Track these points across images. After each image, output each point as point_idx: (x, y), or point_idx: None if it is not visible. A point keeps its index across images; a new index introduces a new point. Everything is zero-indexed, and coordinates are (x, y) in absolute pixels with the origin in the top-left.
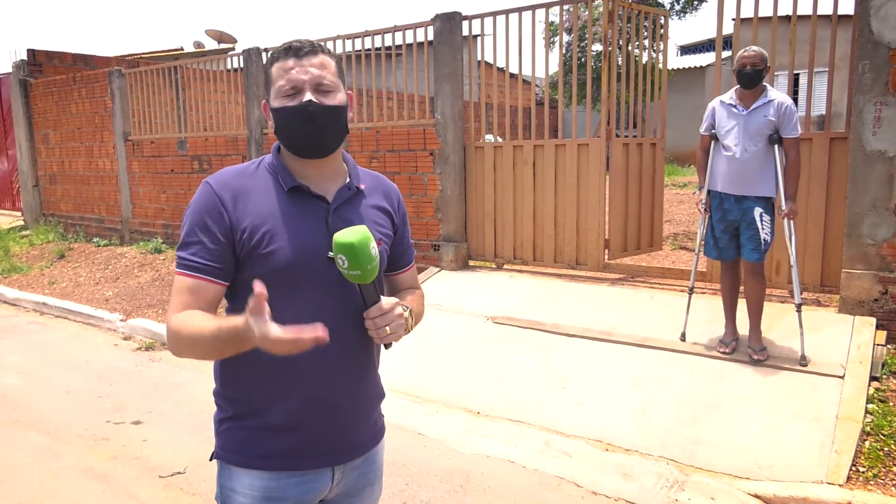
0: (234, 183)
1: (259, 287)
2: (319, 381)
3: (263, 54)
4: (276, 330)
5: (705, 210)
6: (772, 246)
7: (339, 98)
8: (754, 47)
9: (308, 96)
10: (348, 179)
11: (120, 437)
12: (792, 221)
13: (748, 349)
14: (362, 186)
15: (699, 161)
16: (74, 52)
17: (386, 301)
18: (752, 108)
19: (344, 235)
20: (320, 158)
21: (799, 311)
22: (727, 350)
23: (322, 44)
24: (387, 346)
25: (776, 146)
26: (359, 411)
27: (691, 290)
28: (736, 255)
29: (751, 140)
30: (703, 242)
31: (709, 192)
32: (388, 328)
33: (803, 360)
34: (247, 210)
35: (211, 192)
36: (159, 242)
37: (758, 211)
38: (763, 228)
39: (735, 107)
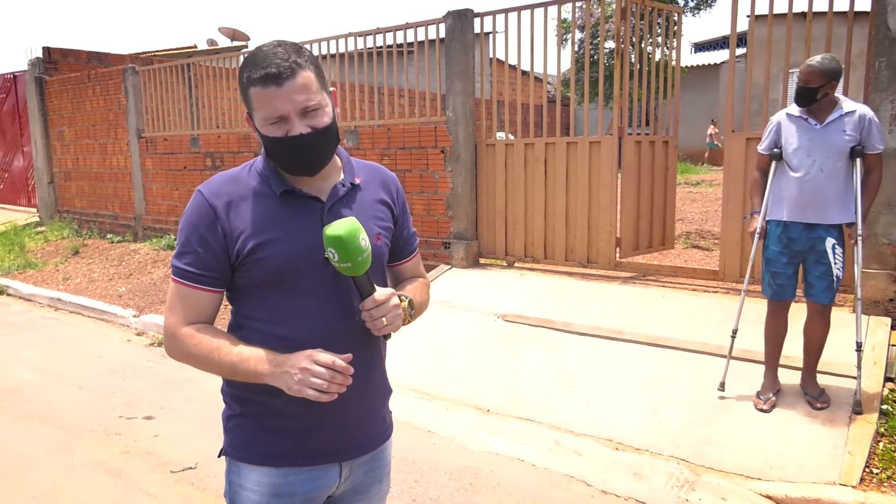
0: (225, 190)
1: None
2: None
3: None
4: (318, 351)
5: (759, 237)
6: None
7: (326, 113)
8: (816, 60)
9: (297, 128)
10: (343, 175)
11: (132, 432)
12: (861, 246)
13: (805, 396)
14: (358, 180)
15: (755, 183)
16: (89, 50)
17: (380, 292)
18: (827, 121)
19: (332, 229)
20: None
21: (859, 350)
22: (765, 407)
23: (296, 53)
24: (385, 337)
25: (858, 161)
26: (366, 408)
27: (734, 334)
28: (793, 294)
29: (829, 158)
30: (751, 276)
31: (768, 220)
32: (384, 319)
33: (858, 408)
34: (240, 217)
35: (203, 201)
36: (172, 239)
37: (830, 242)
38: (836, 263)
39: (807, 119)
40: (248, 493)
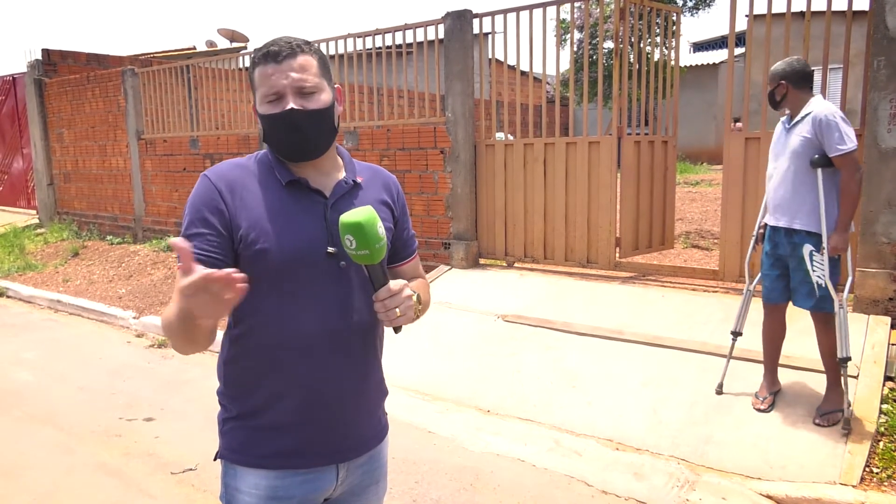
0: (231, 176)
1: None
2: (321, 379)
3: None
4: (188, 277)
5: (757, 241)
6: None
7: (323, 99)
8: (775, 65)
9: (290, 103)
10: (345, 173)
11: (132, 434)
12: (837, 258)
13: (815, 410)
14: (360, 180)
15: None
16: (88, 52)
17: (395, 283)
18: (792, 124)
19: (351, 216)
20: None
21: (844, 366)
22: (762, 406)
23: (303, 42)
24: (396, 329)
25: (820, 170)
26: (362, 409)
27: (734, 336)
28: (783, 298)
29: (787, 161)
30: (754, 280)
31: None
32: (397, 310)
33: (846, 426)
34: (244, 204)
35: (210, 184)
36: None
37: (808, 248)
38: (814, 270)
39: (784, 124)
40: (245, 497)
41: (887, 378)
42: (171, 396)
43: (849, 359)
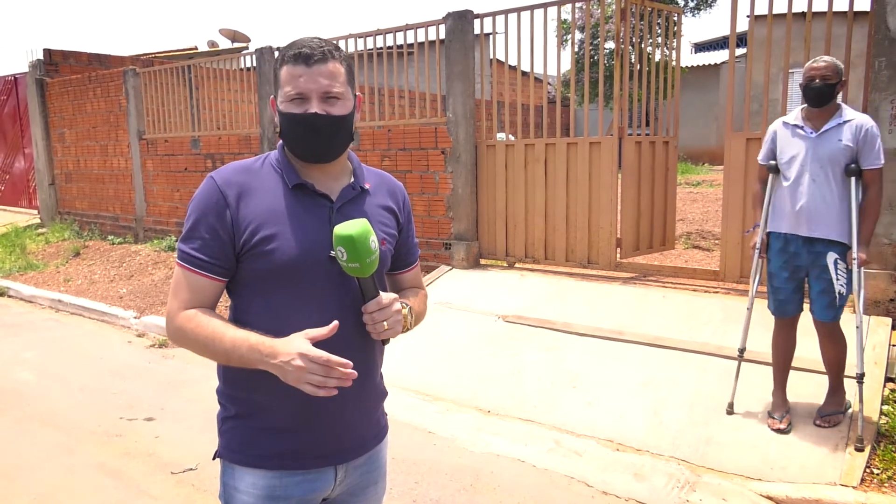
0: (237, 179)
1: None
2: None
3: (276, 53)
4: (310, 348)
5: (760, 254)
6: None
7: (346, 106)
8: (826, 57)
9: (314, 107)
10: (353, 179)
11: (132, 434)
12: (862, 270)
13: (816, 412)
14: (367, 186)
15: (755, 195)
16: (90, 52)
17: (385, 296)
18: (823, 129)
19: (343, 228)
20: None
21: (861, 382)
22: (782, 426)
23: (333, 47)
24: (384, 342)
25: (853, 179)
26: (361, 410)
27: (741, 353)
28: (798, 309)
29: (821, 169)
30: (755, 294)
31: (769, 233)
32: (385, 324)
33: (860, 444)
34: (249, 207)
35: (215, 188)
36: (173, 240)
37: (832, 257)
38: (838, 279)
39: (801, 128)
40: (243, 496)
41: (888, 379)
42: (172, 396)
43: (864, 374)
